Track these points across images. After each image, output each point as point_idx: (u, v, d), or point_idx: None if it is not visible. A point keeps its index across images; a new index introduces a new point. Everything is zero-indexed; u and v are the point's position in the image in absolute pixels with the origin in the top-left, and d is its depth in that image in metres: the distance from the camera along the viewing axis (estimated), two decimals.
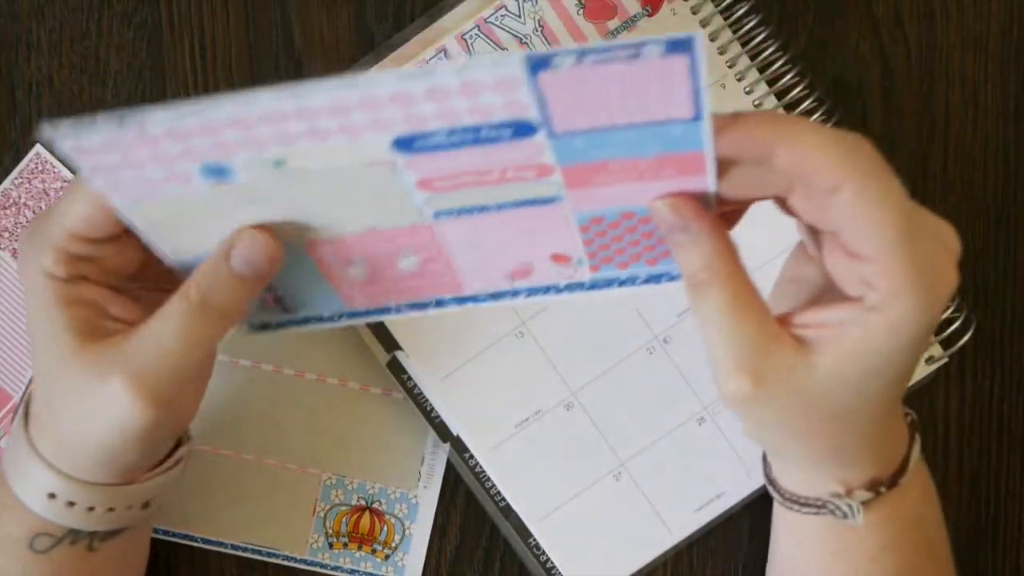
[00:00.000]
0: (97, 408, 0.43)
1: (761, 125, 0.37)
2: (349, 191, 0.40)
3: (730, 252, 0.39)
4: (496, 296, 0.46)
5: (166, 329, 0.42)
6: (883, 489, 0.44)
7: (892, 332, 0.38)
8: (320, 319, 0.48)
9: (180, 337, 0.42)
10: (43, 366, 0.45)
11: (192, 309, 0.42)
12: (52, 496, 0.45)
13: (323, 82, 0.35)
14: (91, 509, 0.45)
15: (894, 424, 0.45)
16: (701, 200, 0.39)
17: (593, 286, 0.45)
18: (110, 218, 0.42)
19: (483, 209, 0.41)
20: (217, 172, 0.39)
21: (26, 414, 0.46)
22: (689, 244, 0.39)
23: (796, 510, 0.46)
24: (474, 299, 0.46)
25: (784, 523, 0.49)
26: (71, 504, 0.45)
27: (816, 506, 0.45)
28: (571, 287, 0.45)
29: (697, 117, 0.35)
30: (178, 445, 0.49)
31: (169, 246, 0.43)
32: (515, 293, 0.45)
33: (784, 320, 0.40)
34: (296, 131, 0.37)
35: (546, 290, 0.45)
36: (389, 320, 0.55)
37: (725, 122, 0.37)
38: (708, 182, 0.38)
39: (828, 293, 0.42)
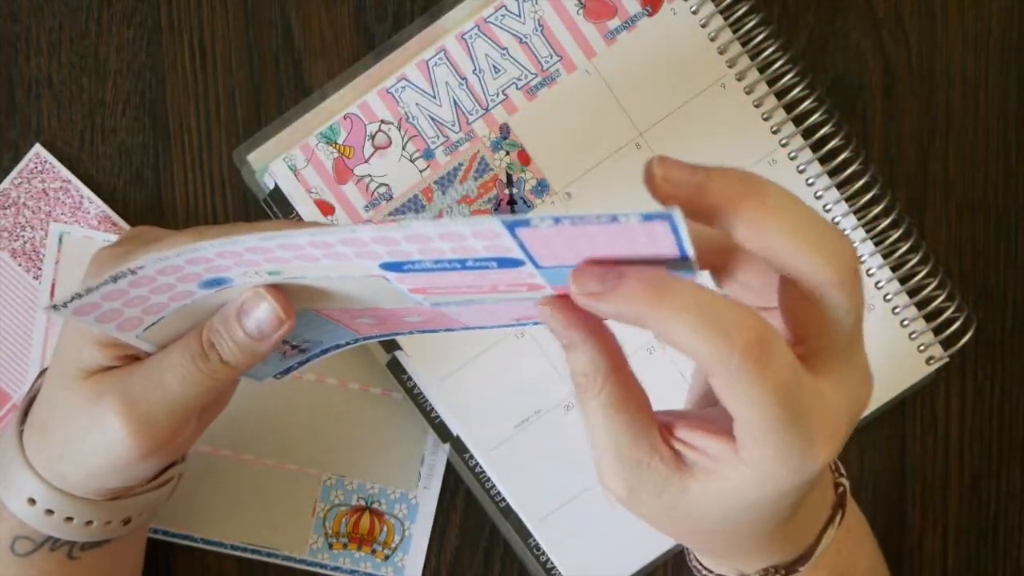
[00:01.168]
0: (86, 428, 0.43)
1: (630, 302, 0.34)
2: (349, 288, 0.41)
3: (612, 359, 0.37)
4: (503, 327, 0.46)
5: (167, 367, 0.42)
6: (781, 573, 0.43)
7: (761, 485, 0.36)
8: (338, 347, 0.48)
9: (180, 379, 0.42)
10: (53, 376, 0.45)
11: (199, 357, 0.42)
12: (32, 501, 0.45)
13: (301, 230, 0.35)
14: (69, 519, 0.45)
15: (796, 522, 0.41)
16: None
17: None
18: None
19: (481, 302, 0.40)
20: (216, 283, 0.40)
21: (23, 416, 0.46)
22: (568, 348, 0.37)
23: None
24: (483, 327, 0.46)
25: None
26: (50, 512, 0.45)
27: None
28: None
29: (684, 256, 0.34)
30: (171, 464, 0.49)
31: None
32: (522, 325, 0.45)
33: (669, 429, 0.38)
34: (285, 256, 0.37)
35: None
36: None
37: (701, 180, 0.35)
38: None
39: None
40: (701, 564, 0.45)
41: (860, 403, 0.38)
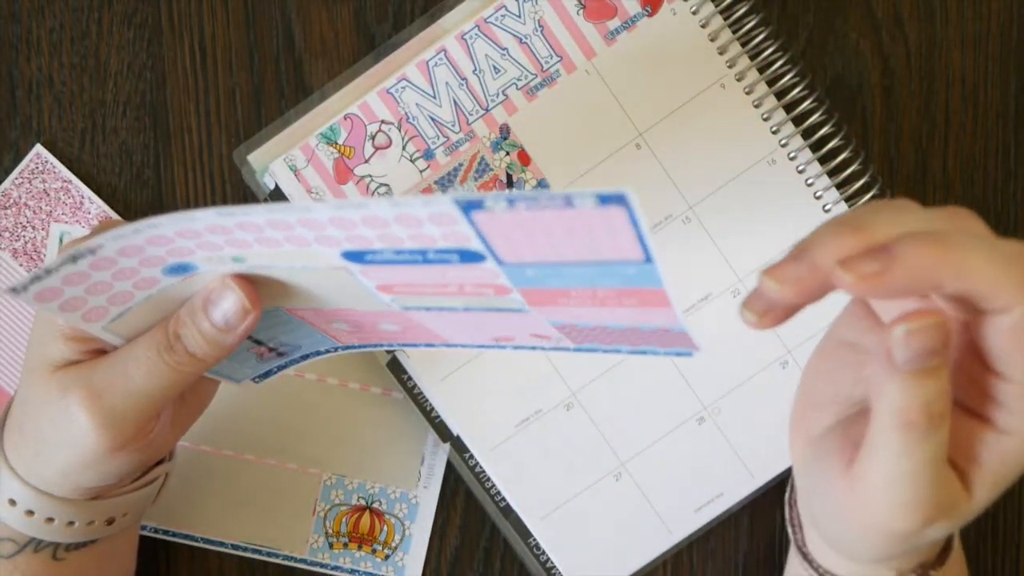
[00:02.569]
0: (54, 422, 0.43)
1: (922, 259, 0.33)
2: (316, 283, 0.40)
3: (950, 397, 0.35)
4: (483, 347, 0.45)
5: (133, 359, 0.42)
6: (932, 573, 0.43)
7: None
8: (318, 353, 0.48)
9: (146, 371, 0.42)
10: (24, 373, 0.45)
11: (164, 349, 0.42)
12: (12, 503, 0.45)
13: (257, 206, 0.35)
14: (50, 520, 0.45)
15: None
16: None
17: (579, 350, 0.44)
18: None
19: (451, 309, 0.40)
20: (181, 269, 0.39)
21: (5, 417, 0.46)
22: (922, 375, 0.34)
23: None
24: (463, 345, 0.45)
25: None
26: (30, 513, 0.45)
27: None
28: (557, 349, 0.44)
29: (648, 260, 0.33)
30: (158, 464, 0.49)
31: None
32: (502, 347, 0.45)
33: (952, 458, 0.37)
34: (246, 239, 0.37)
35: (532, 348, 0.44)
36: None
37: (882, 266, 0.32)
38: (674, 318, 0.35)
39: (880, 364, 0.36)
40: (831, 573, 0.45)
41: None
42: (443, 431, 0.56)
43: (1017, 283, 0.33)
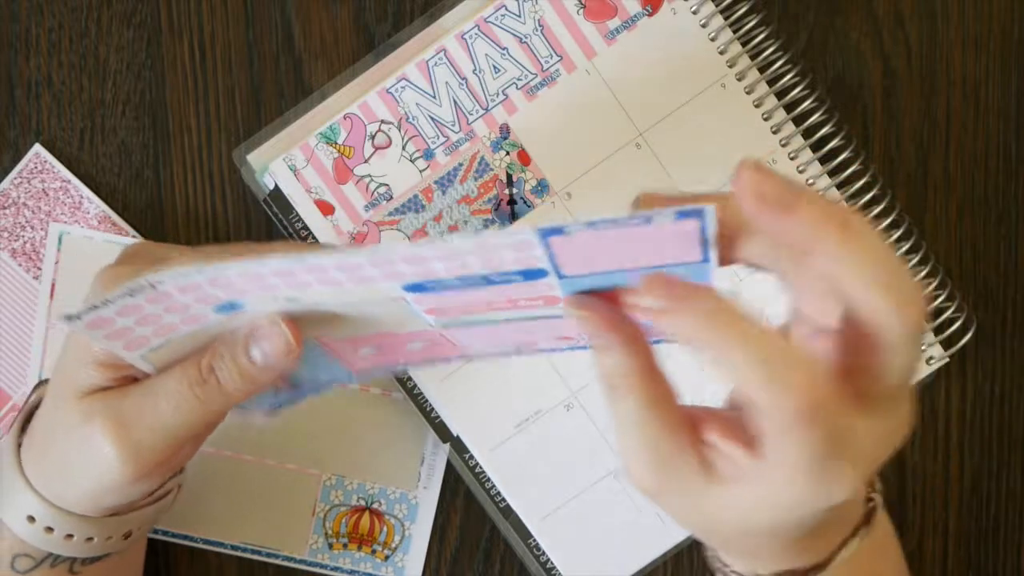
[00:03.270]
0: (79, 449, 0.43)
1: (689, 329, 0.34)
2: (363, 313, 0.40)
3: (643, 362, 0.37)
4: (501, 354, 0.45)
5: (163, 393, 0.42)
6: None
7: (782, 508, 0.36)
8: (329, 384, 0.48)
9: (175, 406, 0.42)
10: (50, 394, 0.45)
11: (196, 383, 0.42)
12: (32, 519, 0.45)
13: (329, 249, 0.35)
14: (69, 536, 0.45)
15: (808, 540, 0.41)
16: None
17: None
18: None
19: (492, 322, 0.40)
20: (231, 307, 0.40)
21: (22, 428, 0.46)
22: (599, 350, 0.37)
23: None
24: (479, 356, 0.45)
25: None
26: (49, 530, 0.45)
27: None
28: (574, 348, 0.44)
29: (705, 260, 0.34)
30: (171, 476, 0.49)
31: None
32: (519, 352, 0.45)
33: (697, 427, 0.38)
34: (308, 280, 0.37)
35: (551, 351, 0.44)
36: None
37: (789, 199, 0.33)
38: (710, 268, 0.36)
39: None
40: (718, 557, 0.45)
41: (894, 445, 0.37)
42: (443, 431, 0.56)
43: (899, 302, 0.34)
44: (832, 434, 0.34)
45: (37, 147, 0.57)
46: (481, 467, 0.56)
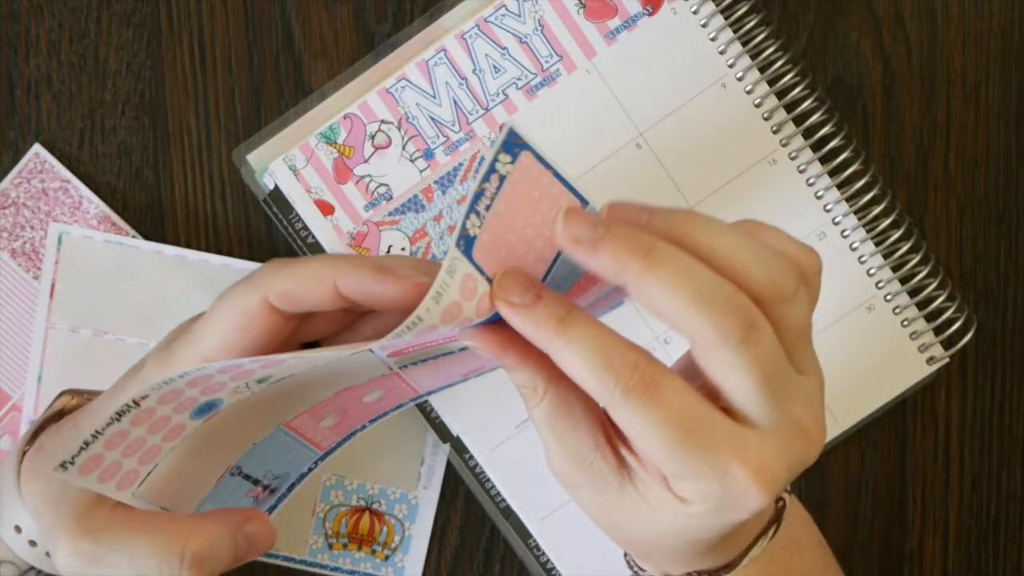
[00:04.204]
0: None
1: (623, 262, 0.35)
2: (329, 373, 0.41)
3: (548, 372, 0.38)
4: (450, 386, 0.47)
5: (142, 548, 0.42)
6: None
7: (689, 517, 0.37)
8: (301, 476, 0.49)
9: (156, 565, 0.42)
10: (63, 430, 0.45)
11: (178, 563, 0.42)
12: (18, 529, 0.45)
13: (317, 355, 0.37)
14: (49, 555, 0.44)
15: (718, 545, 0.42)
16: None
17: None
18: None
19: (449, 353, 0.42)
20: (207, 407, 0.40)
21: (32, 437, 0.45)
22: (507, 369, 0.39)
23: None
24: (429, 393, 0.47)
25: None
26: (32, 543, 0.45)
27: None
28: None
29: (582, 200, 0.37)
30: None
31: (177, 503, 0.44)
32: (466, 379, 0.46)
33: (618, 431, 0.39)
34: (288, 363, 0.38)
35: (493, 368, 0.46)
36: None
37: (595, 235, 0.36)
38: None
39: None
40: (633, 561, 0.46)
41: (796, 456, 0.37)
42: (443, 432, 0.56)
43: (707, 322, 0.35)
44: (687, 418, 0.35)
45: (37, 147, 0.57)
46: (481, 467, 0.56)
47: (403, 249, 0.56)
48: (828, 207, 0.56)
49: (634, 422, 0.35)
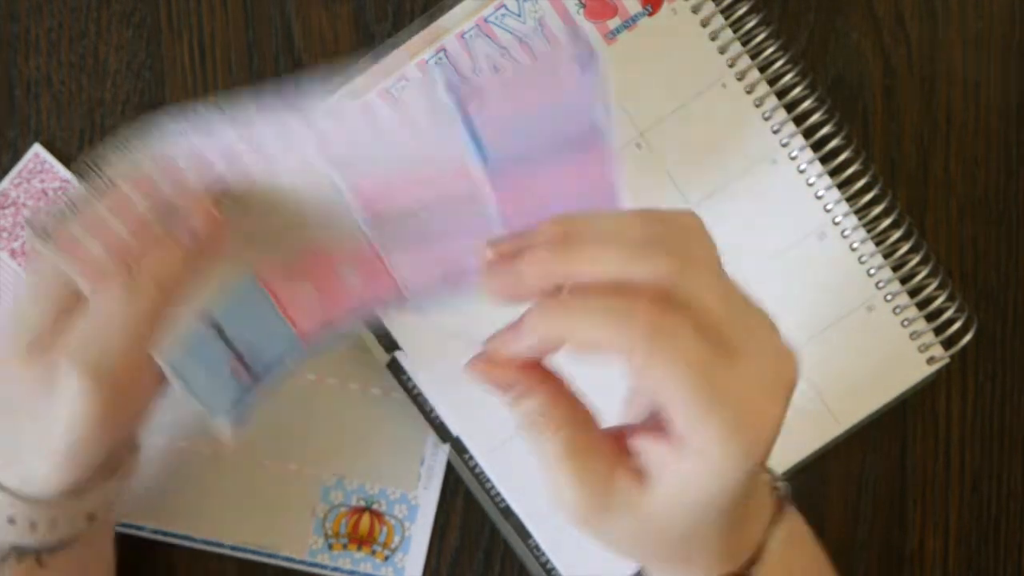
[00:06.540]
0: (41, 403, 0.42)
1: (538, 330, 0.38)
2: (296, 210, 0.42)
3: (559, 399, 0.38)
4: (436, 297, 0.47)
5: (100, 309, 0.42)
6: None
7: (712, 476, 0.37)
8: (281, 363, 0.48)
9: (116, 313, 0.42)
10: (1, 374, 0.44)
11: (123, 284, 0.42)
12: None
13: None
14: (33, 526, 0.44)
15: (745, 525, 0.42)
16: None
17: None
18: None
19: (421, 225, 0.43)
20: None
21: None
22: (518, 398, 0.39)
23: None
24: (415, 299, 0.47)
25: None
26: (12, 521, 0.44)
27: None
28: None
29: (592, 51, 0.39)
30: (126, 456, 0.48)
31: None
32: (447, 280, 0.46)
33: (621, 441, 0.39)
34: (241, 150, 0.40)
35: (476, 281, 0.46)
36: (386, 321, 0.55)
37: (506, 338, 0.39)
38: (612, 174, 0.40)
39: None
40: None
41: (779, 387, 0.38)
42: (443, 432, 0.56)
43: (617, 335, 0.36)
44: (704, 363, 0.36)
45: (36, 147, 0.57)
46: (481, 467, 0.56)
47: None
48: (828, 207, 0.56)
49: (660, 371, 0.35)
